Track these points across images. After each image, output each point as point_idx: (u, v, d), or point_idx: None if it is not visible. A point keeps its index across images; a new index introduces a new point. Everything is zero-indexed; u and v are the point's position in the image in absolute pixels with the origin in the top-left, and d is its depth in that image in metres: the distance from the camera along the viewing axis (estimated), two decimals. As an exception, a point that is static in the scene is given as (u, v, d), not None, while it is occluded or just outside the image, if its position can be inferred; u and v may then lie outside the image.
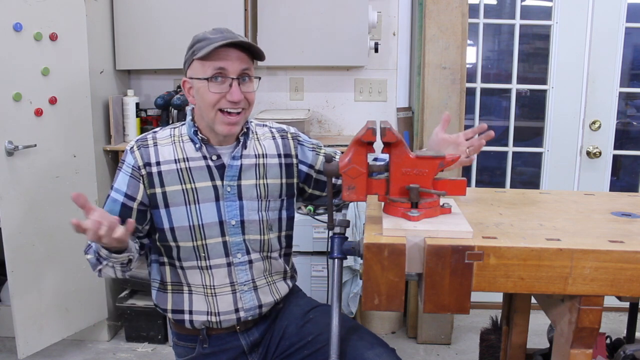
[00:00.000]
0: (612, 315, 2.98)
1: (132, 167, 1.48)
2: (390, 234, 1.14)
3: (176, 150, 1.49)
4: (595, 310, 1.11)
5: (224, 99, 1.41)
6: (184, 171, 1.47)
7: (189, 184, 1.47)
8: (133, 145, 1.50)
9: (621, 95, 2.95)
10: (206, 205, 1.47)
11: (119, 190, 1.48)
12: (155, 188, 1.47)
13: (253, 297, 1.53)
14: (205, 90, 1.41)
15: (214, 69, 1.40)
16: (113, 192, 1.50)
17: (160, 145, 1.49)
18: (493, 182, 3.19)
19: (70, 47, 2.38)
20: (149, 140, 1.50)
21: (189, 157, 1.48)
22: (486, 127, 1.52)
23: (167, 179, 1.46)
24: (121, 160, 1.52)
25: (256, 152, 1.54)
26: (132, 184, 1.47)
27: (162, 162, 1.47)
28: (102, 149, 2.68)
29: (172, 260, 1.52)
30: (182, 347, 1.58)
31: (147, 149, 1.48)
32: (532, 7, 3.02)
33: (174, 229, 1.47)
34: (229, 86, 1.41)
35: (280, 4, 2.72)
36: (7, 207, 2.19)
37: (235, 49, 1.41)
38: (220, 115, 1.42)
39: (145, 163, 1.47)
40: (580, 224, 1.27)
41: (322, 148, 1.64)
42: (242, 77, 1.43)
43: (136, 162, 1.47)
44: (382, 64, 2.95)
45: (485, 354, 2.00)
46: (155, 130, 1.54)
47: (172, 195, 1.47)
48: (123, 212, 1.47)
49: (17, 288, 2.24)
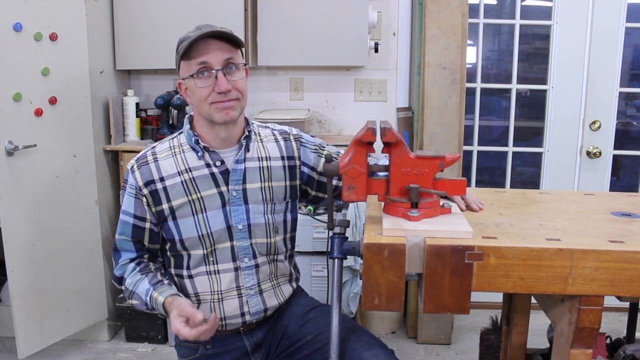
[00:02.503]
0: (612, 315, 2.98)
1: (134, 188, 1.47)
2: (390, 234, 1.14)
3: (177, 163, 1.47)
4: (595, 310, 1.11)
5: (213, 92, 1.40)
6: (189, 182, 1.46)
7: (194, 194, 1.46)
8: (133, 164, 1.49)
9: (621, 95, 2.95)
10: (213, 212, 1.47)
11: (127, 213, 1.49)
12: (162, 204, 1.46)
13: (259, 301, 1.53)
14: (194, 87, 1.41)
15: (197, 65, 1.40)
16: (122, 214, 1.50)
17: (161, 160, 1.48)
18: (493, 182, 3.19)
19: (70, 47, 2.38)
20: (149, 156, 1.49)
21: (191, 167, 1.47)
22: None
23: (173, 193, 1.46)
24: (124, 180, 1.52)
25: (259, 154, 1.53)
26: (138, 205, 1.47)
27: (165, 178, 1.46)
28: (102, 149, 2.68)
29: (181, 271, 1.52)
30: (185, 348, 1.58)
31: (148, 166, 1.47)
32: (532, 7, 3.02)
33: (183, 240, 1.47)
34: (215, 78, 1.40)
35: (280, 4, 2.72)
36: (7, 207, 2.19)
37: (215, 40, 1.40)
38: (214, 106, 1.42)
39: (147, 182, 1.46)
40: (580, 224, 1.27)
41: (325, 148, 1.62)
42: (227, 67, 1.41)
43: (137, 183, 1.46)
44: (382, 64, 2.95)
45: (485, 354, 2.00)
46: (153, 146, 1.53)
47: (179, 208, 1.46)
48: (135, 233, 1.48)
49: (17, 288, 2.24)
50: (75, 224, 2.47)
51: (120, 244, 1.51)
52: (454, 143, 2.60)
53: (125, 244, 1.51)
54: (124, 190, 1.50)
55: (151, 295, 1.42)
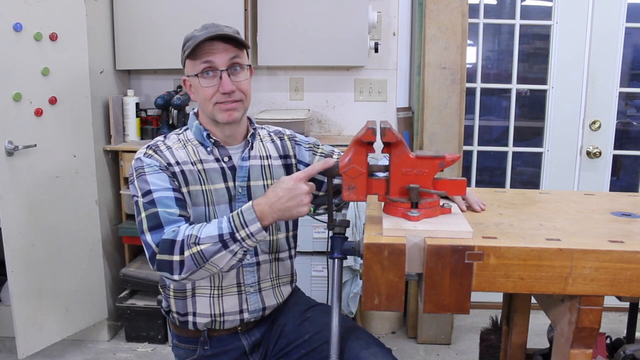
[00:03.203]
0: (612, 315, 2.98)
1: (159, 167, 1.40)
2: (390, 234, 1.14)
3: (189, 153, 1.48)
4: (595, 310, 1.11)
5: (218, 92, 1.42)
6: (202, 172, 1.47)
7: (206, 184, 1.46)
8: (145, 151, 1.45)
9: (621, 95, 2.95)
10: (221, 207, 1.47)
11: (162, 187, 1.37)
12: (181, 187, 1.43)
13: (258, 300, 1.54)
14: (198, 86, 1.43)
15: (202, 64, 1.41)
16: (157, 193, 1.36)
17: (174, 149, 1.47)
18: (493, 182, 3.19)
19: (70, 47, 2.38)
20: (161, 145, 1.47)
21: (202, 159, 1.48)
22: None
23: (190, 178, 1.45)
24: (136, 168, 1.42)
25: (261, 153, 1.56)
26: (170, 180, 1.40)
27: (181, 163, 1.45)
28: (102, 149, 2.68)
29: None
30: (183, 349, 1.58)
31: (163, 153, 1.45)
32: (532, 7, 3.02)
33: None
34: (219, 79, 1.41)
35: (280, 4, 2.72)
36: (7, 207, 2.19)
37: (221, 42, 1.41)
38: (217, 106, 1.43)
39: (168, 163, 1.43)
40: (580, 224, 1.27)
41: (320, 147, 1.65)
42: (232, 67, 1.43)
43: (161, 163, 1.42)
44: (382, 64, 2.94)
45: (485, 354, 2.00)
46: (161, 139, 1.51)
47: (195, 195, 1.45)
48: (180, 205, 1.37)
49: (17, 288, 2.24)
50: (75, 223, 2.47)
51: (165, 219, 1.33)
52: (454, 143, 2.60)
53: (170, 218, 1.34)
54: (142, 175, 1.39)
55: (230, 217, 1.30)
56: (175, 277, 1.30)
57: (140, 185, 1.39)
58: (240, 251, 1.30)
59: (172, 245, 1.29)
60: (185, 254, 1.28)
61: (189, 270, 1.29)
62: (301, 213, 1.29)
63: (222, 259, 1.29)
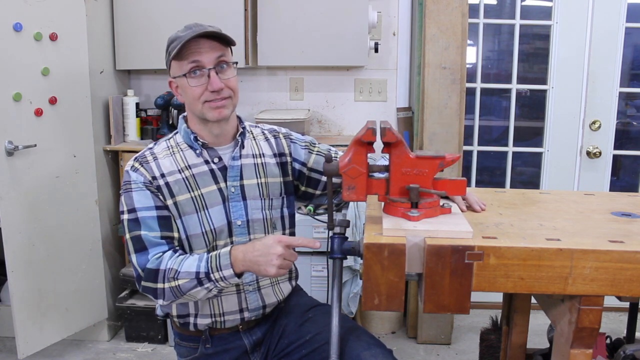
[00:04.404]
0: (612, 315, 2.98)
1: (143, 183, 1.43)
2: (390, 234, 1.14)
3: (177, 161, 1.48)
4: (595, 310, 1.11)
5: (206, 90, 1.42)
6: (190, 179, 1.47)
7: (196, 190, 1.47)
8: (133, 164, 1.47)
9: (621, 95, 2.95)
10: (214, 209, 1.48)
11: (146, 207, 1.42)
12: (167, 200, 1.45)
13: (257, 298, 1.54)
14: (186, 86, 1.44)
15: (189, 64, 1.42)
16: (140, 212, 1.42)
17: (160, 159, 1.48)
18: (493, 182, 3.19)
19: (70, 47, 2.38)
20: (148, 156, 1.49)
21: (190, 164, 1.48)
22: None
23: (176, 189, 1.46)
24: (124, 182, 1.46)
25: (254, 152, 1.56)
26: (153, 196, 1.44)
27: (166, 174, 1.46)
28: (102, 149, 2.68)
29: None
30: (185, 348, 1.58)
31: (149, 164, 1.46)
32: (532, 7, 3.02)
33: (188, 237, 1.47)
34: (207, 77, 1.42)
35: (280, 4, 2.72)
36: (7, 207, 2.19)
37: (207, 40, 1.42)
38: (207, 104, 1.44)
39: (153, 177, 1.45)
40: (580, 224, 1.27)
41: (316, 145, 1.65)
42: (219, 65, 1.43)
43: (145, 177, 1.44)
44: (382, 64, 2.94)
45: (485, 354, 2.00)
46: (150, 147, 1.53)
47: (184, 205, 1.46)
48: (163, 224, 1.42)
49: (17, 288, 2.24)
50: (75, 224, 2.47)
51: (148, 241, 1.41)
52: (454, 143, 2.60)
53: (153, 241, 1.41)
54: (128, 191, 1.44)
55: (209, 257, 1.37)
56: (160, 302, 1.41)
57: (126, 200, 1.45)
58: (215, 289, 1.39)
59: (156, 274, 1.38)
60: (165, 285, 1.38)
61: (169, 299, 1.40)
62: (268, 272, 1.32)
63: (198, 293, 1.38)
